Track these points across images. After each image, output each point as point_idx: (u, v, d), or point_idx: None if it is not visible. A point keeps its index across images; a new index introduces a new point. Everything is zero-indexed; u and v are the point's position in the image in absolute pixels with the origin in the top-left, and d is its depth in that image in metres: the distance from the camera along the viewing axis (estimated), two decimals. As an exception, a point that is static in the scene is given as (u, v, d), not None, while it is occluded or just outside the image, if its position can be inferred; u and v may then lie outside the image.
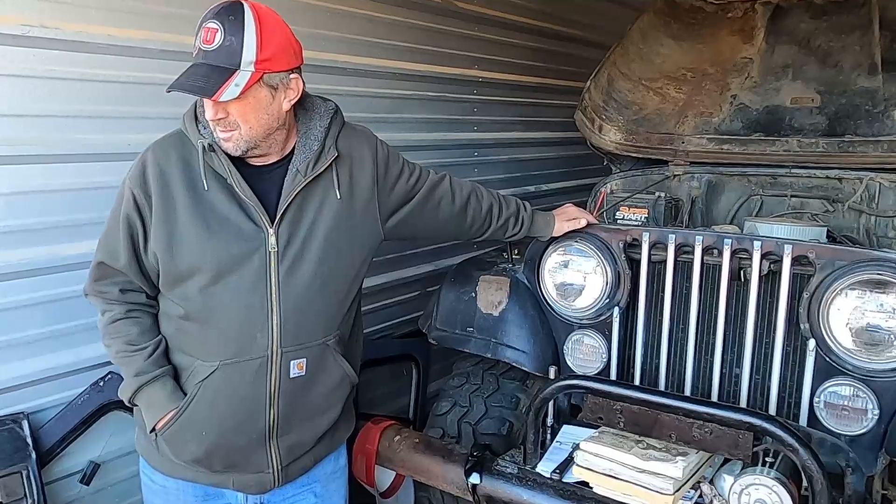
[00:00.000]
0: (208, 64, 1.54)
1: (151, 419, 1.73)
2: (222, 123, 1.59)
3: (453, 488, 2.20)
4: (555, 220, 2.28)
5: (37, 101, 2.00)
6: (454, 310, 2.53)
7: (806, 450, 1.72)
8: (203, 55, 1.55)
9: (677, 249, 2.15)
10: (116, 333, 1.73)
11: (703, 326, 2.15)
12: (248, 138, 1.62)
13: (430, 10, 3.32)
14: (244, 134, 1.61)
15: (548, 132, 4.32)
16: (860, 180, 2.47)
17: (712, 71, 3.03)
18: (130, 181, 1.66)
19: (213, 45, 1.54)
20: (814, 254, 1.96)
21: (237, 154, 1.64)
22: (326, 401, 1.82)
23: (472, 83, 3.68)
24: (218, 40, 1.53)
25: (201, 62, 1.55)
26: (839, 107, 2.66)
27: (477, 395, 2.54)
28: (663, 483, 1.83)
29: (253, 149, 1.65)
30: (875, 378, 1.89)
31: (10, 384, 2.02)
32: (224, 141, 1.62)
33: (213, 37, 1.53)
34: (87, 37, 2.08)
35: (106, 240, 1.72)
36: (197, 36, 1.57)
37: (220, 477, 1.77)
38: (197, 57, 1.56)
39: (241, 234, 1.65)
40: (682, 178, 2.78)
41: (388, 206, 1.91)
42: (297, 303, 1.70)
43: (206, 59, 1.54)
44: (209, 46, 1.54)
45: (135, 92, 2.20)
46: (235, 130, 1.60)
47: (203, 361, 1.69)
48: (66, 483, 2.18)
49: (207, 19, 1.55)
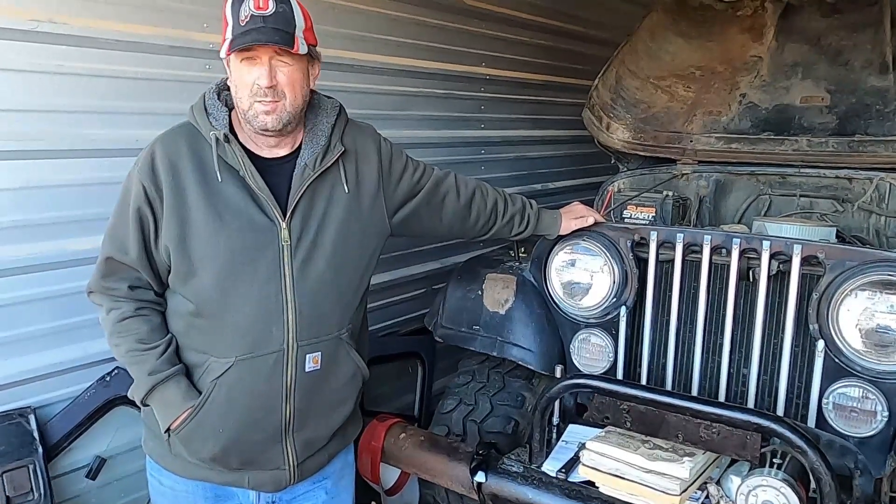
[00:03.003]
0: (268, 27, 1.57)
1: (166, 419, 1.70)
2: (271, 93, 1.61)
3: (458, 486, 2.19)
4: (562, 218, 2.27)
5: (45, 97, 2.00)
6: (460, 307, 2.53)
7: (814, 451, 1.70)
8: (261, 20, 1.57)
9: (685, 249, 2.14)
10: (126, 332, 1.70)
11: (710, 326, 2.14)
12: (291, 110, 1.65)
13: (438, 7, 3.32)
14: (287, 105, 1.64)
15: (555, 130, 4.31)
16: (870, 180, 2.46)
17: (721, 69, 3.01)
18: (139, 174, 1.64)
19: (268, 10, 1.57)
20: (823, 254, 1.94)
21: (277, 128, 1.66)
22: (340, 395, 1.83)
23: (480, 80, 3.68)
24: (272, 6, 1.58)
25: (260, 25, 1.57)
26: (849, 106, 2.64)
27: (482, 394, 2.54)
28: (670, 483, 1.82)
29: (287, 125, 1.67)
30: (884, 380, 1.87)
31: (17, 379, 2.03)
32: (266, 114, 1.63)
33: (266, 3, 1.57)
34: (95, 32, 2.08)
35: (113, 234, 1.70)
36: (242, 4, 1.57)
37: (236, 475, 1.76)
38: (251, 22, 1.57)
39: (254, 225, 1.65)
40: (690, 177, 2.77)
41: (393, 202, 1.92)
42: (312, 296, 1.71)
43: (265, 23, 1.57)
44: (264, 11, 1.57)
45: (143, 87, 2.21)
46: (280, 101, 1.63)
47: (217, 358, 1.68)
48: (72, 477, 2.19)
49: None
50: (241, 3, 1.58)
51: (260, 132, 1.67)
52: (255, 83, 1.61)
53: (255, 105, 1.62)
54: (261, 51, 1.59)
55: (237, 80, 1.64)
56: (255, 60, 1.60)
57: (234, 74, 1.64)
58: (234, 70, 1.64)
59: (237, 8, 1.59)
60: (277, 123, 1.65)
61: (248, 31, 1.57)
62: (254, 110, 1.63)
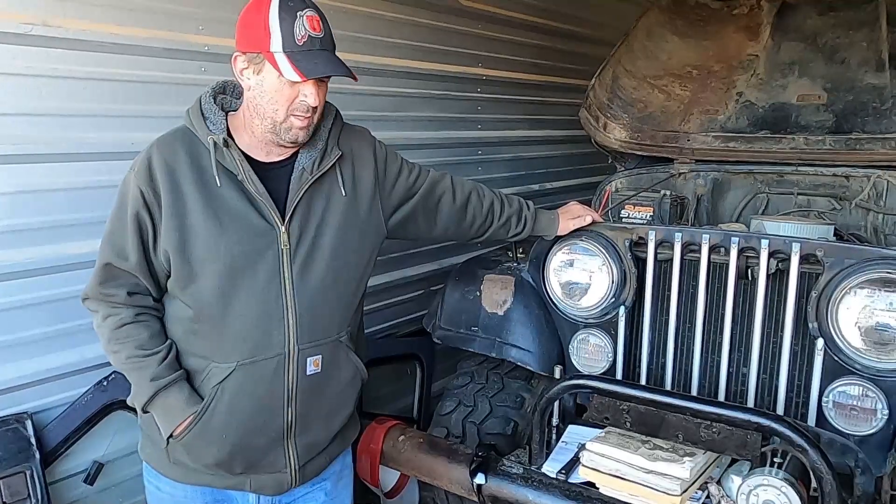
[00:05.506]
0: (326, 50, 1.60)
1: (169, 425, 1.69)
2: (312, 110, 1.63)
3: (458, 488, 2.19)
4: (559, 218, 2.27)
5: (40, 100, 1.99)
6: (459, 309, 2.52)
7: (815, 450, 1.70)
8: (319, 42, 1.59)
9: (684, 248, 2.14)
10: (126, 338, 1.68)
11: (709, 325, 2.14)
12: (316, 123, 1.69)
13: (434, 8, 3.31)
14: (316, 118, 1.67)
15: (552, 130, 4.31)
16: (867, 178, 2.46)
17: (718, 68, 3.02)
18: (136, 178, 1.63)
19: (321, 33, 1.59)
20: (822, 252, 1.94)
21: (306, 140, 1.68)
22: (340, 398, 1.83)
23: (477, 81, 3.67)
24: (322, 28, 1.60)
25: (319, 49, 1.58)
26: (846, 104, 2.64)
27: (482, 395, 2.53)
28: (670, 484, 1.81)
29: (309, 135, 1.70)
30: (884, 378, 1.87)
31: (13, 384, 2.02)
32: (301, 129, 1.64)
33: (318, 25, 1.59)
34: (89, 35, 2.07)
35: (112, 240, 1.67)
36: (296, 23, 1.56)
37: (238, 479, 1.76)
38: (309, 44, 1.57)
39: (253, 229, 1.65)
40: (687, 176, 2.77)
41: (390, 204, 1.92)
42: (312, 299, 1.70)
43: (324, 46, 1.60)
44: (318, 34, 1.59)
45: (138, 90, 2.20)
46: (312, 115, 1.64)
47: (219, 363, 1.67)
48: (69, 483, 2.18)
49: (301, 7, 1.57)
50: (295, 21, 1.55)
51: (287, 144, 1.67)
52: (299, 99, 1.60)
53: (291, 118, 1.62)
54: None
55: (276, 93, 1.59)
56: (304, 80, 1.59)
57: (273, 86, 1.58)
58: (273, 81, 1.58)
59: (290, 24, 1.55)
60: (307, 137, 1.68)
61: (309, 51, 1.56)
62: (289, 123, 1.62)
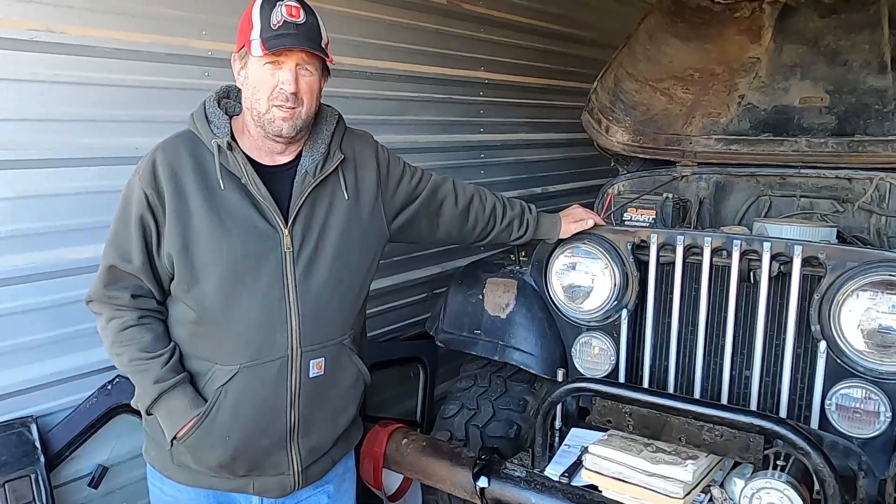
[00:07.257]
0: (301, 34, 1.61)
1: (172, 427, 1.69)
2: (292, 98, 1.63)
3: (461, 492, 2.19)
4: (561, 221, 2.27)
5: (43, 105, 2.00)
6: (461, 312, 2.53)
7: (818, 453, 1.70)
8: (294, 27, 1.60)
9: (686, 251, 2.14)
10: (129, 341, 1.69)
11: (712, 328, 2.14)
12: (305, 117, 1.68)
13: (436, 12, 3.32)
14: (303, 113, 1.67)
15: (554, 134, 4.31)
16: (870, 180, 2.45)
17: (720, 71, 3.01)
18: (141, 181, 1.64)
19: (300, 19, 1.62)
20: (824, 255, 1.94)
21: (291, 135, 1.68)
22: (343, 400, 1.83)
23: (479, 85, 3.68)
24: (303, 16, 1.62)
25: (293, 31, 1.60)
26: (848, 106, 2.64)
27: (484, 398, 2.53)
28: (673, 487, 1.81)
29: (299, 132, 1.69)
30: (887, 380, 1.87)
31: (18, 388, 2.02)
32: (283, 120, 1.65)
33: (298, 12, 1.62)
34: (92, 41, 2.08)
35: (116, 242, 1.69)
36: (274, 10, 1.60)
37: (241, 482, 1.76)
38: (284, 27, 1.60)
39: (256, 232, 1.66)
40: (689, 179, 2.76)
41: (392, 207, 1.92)
42: (315, 302, 1.71)
43: (298, 30, 1.61)
44: (296, 20, 1.61)
45: (141, 95, 2.21)
46: (298, 108, 1.65)
47: (222, 365, 1.68)
48: (74, 487, 2.18)
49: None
50: (273, 9, 1.60)
51: (273, 138, 1.68)
52: (278, 87, 1.62)
53: (273, 109, 1.64)
54: (290, 56, 1.61)
55: (257, 82, 1.64)
56: (280, 65, 1.62)
57: (254, 77, 1.64)
58: (254, 72, 1.64)
59: (268, 12, 1.60)
60: (292, 130, 1.67)
61: (281, 34, 1.59)
62: (271, 114, 1.64)
